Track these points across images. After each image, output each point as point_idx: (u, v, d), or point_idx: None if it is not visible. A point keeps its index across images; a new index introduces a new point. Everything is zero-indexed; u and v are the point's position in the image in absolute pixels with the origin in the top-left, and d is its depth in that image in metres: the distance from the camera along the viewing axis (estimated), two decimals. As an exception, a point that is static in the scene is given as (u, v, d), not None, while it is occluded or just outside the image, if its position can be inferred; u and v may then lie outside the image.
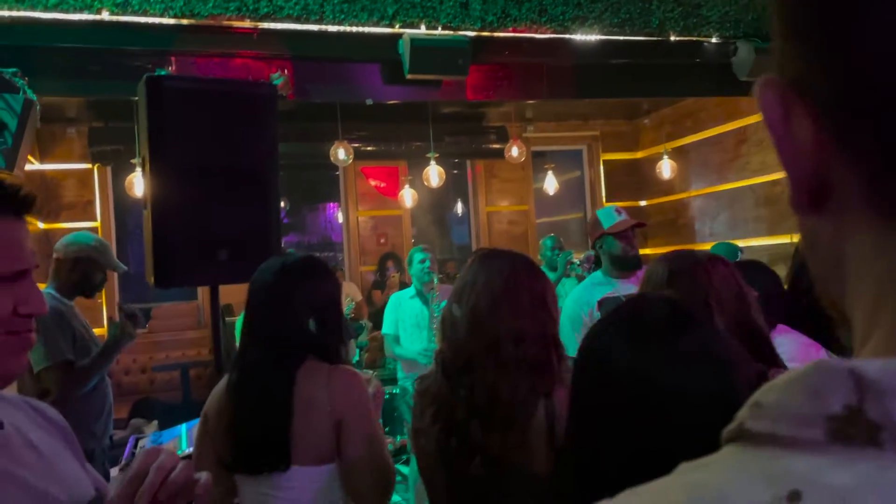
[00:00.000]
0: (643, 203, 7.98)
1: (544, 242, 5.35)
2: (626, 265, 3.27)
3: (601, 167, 8.04)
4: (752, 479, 0.31)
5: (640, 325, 0.98)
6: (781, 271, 6.00)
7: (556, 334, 1.60)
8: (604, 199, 7.96)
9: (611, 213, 3.34)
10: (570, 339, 3.07)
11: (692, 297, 1.42)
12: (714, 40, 5.45)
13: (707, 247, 5.08)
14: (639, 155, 8.04)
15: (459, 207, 8.25)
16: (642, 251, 7.98)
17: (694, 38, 5.41)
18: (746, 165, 6.46)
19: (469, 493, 1.57)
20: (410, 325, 4.40)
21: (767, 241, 6.15)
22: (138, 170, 5.35)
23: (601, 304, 3.14)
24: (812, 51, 0.34)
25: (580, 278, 4.57)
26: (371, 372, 4.82)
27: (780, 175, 6.05)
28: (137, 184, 5.34)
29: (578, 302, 3.26)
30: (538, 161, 7.78)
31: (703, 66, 5.59)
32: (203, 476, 0.90)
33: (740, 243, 5.02)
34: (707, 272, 1.48)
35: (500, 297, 1.57)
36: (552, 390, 1.53)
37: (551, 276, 4.69)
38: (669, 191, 7.48)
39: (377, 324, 6.71)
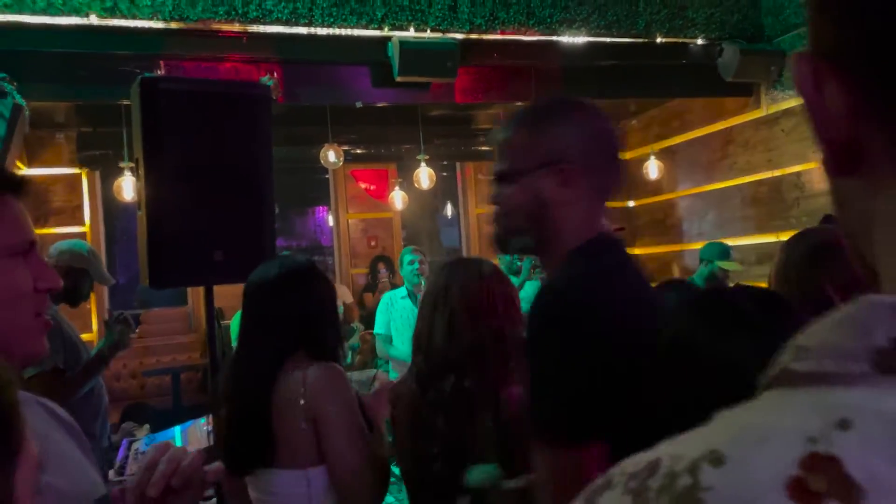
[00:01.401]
0: (631, 203, 8.04)
1: None
2: None
3: (589, 168, 8.08)
4: (799, 413, 0.32)
5: (729, 316, 0.93)
6: (768, 269, 6.05)
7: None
8: (592, 200, 8.00)
9: None
10: None
11: (835, 277, 1.38)
12: (700, 42, 5.51)
13: (696, 246, 5.13)
14: (626, 156, 8.09)
15: (449, 210, 8.27)
16: (631, 252, 8.00)
17: (680, 40, 5.46)
18: (733, 165, 6.52)
19: (434, 489, 1.65)
20: (403, 326, 4.42)
21: (755, 240, 6.21)
22: (127, 173, 5.33)
23: None
24: (843, 22, 0.36)
25: (544, 281, 4.61)
26: (375, 371, 4.84)
27: (765, 175, 6.12)
28: (126, 187, 5.32)
29: None
30: (527, 163, 7.81)
31: (689, 67, 5.65)
32: (214, 465, 0.92)
33: (728, 242, 5.07)
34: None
35: (475, 304, 1.68)
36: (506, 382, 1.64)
37: (514, 280, 4.77)
38: (657, 191, 7.54)
39: (368, 326, 6.73)
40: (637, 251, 7.93)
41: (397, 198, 6.75)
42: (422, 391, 1.68)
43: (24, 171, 6.17)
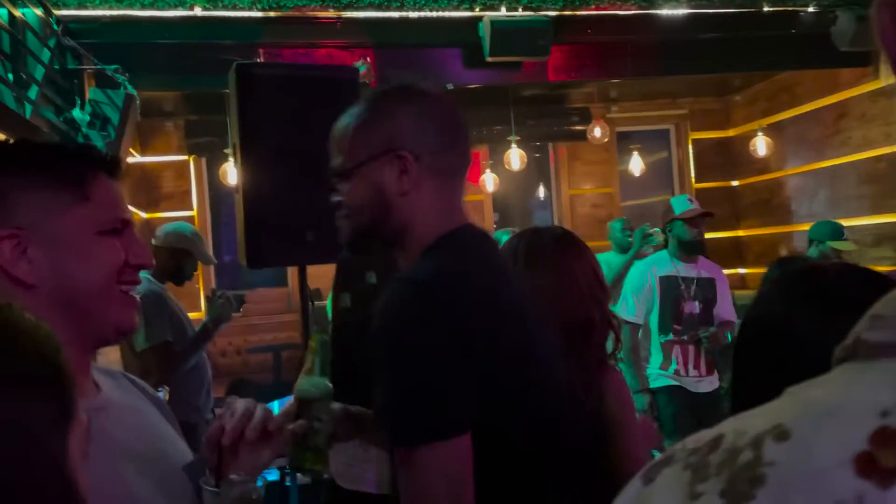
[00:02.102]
0: (735, 183, 7.68)
1: (613, 225, 5.28)
2: (691, 249, 3.74)
3: (690, 147, 7.77)
4: (871, 386, 0.30)
5: (832, 297, 0.86)
6: (887, 252, 5.64)
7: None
8: (693, 180, 7.70)
9: (684, 200, 3.85)
10: (630, 302, 3.79)
11: None
12: (811, 9, 5.15)
13: (805, 227, 4.84)
14: (730, 133, 7.73)
15: (542, 191, 8.16)
16: (735, 234, 7.70)
17: (789, 8, 5.13)
18: (848, 141, 6.10)
19: None
20: None
21: (871, 221, 5.80)
22: (230, 159, 5.57)
23: (661, 280, 3.72)
24: None
25: (656, 249, 4.55)
26: None
27: (884, 150, 5.69)
28: (230, 173, 5.56)
29: (643, 272, 3.82)
30: (623, 142, 7.60)
31: (799, 37, 5.31)
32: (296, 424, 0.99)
33: (842, 223, 4.74)
34: None
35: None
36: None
37: (624, 257, 4.69)
38: (763, 170, 7.16)
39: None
40: (741, 233, 7.58)
41: (489, 180, 6.71)
42: None
43: (137, 158, 6.55)
